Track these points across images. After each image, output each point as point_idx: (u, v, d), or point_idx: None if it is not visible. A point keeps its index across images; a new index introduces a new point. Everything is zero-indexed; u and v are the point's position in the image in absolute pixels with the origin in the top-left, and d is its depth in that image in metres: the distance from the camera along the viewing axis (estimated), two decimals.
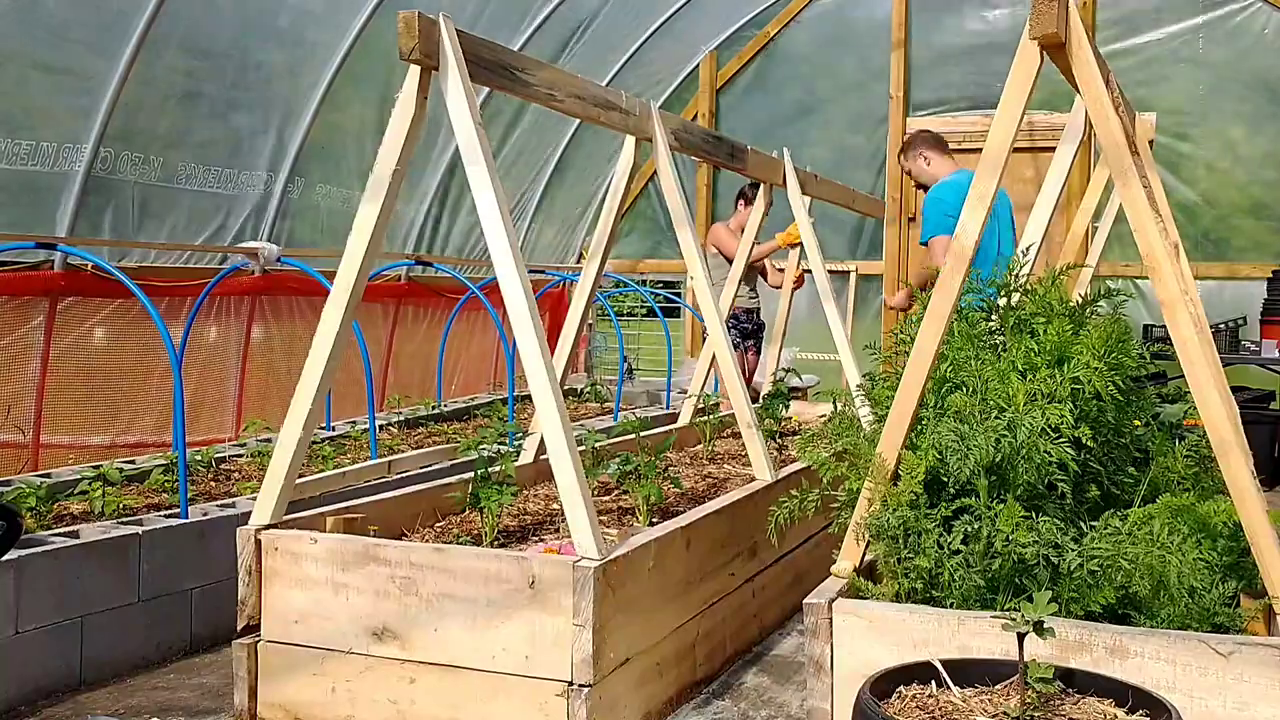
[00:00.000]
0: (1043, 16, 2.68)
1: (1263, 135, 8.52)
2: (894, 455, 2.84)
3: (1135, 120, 4.09)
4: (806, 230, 5.85)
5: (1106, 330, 2.89)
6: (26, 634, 3.38)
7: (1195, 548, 2.66)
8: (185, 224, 6.17)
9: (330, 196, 7.16)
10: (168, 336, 4.22)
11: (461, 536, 3.59)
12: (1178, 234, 4.06)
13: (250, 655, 3.25)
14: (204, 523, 3.98)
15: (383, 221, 3.32)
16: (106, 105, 5.40)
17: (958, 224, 2.84)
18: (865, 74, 9.66)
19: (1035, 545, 2.61)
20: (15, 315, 5.34)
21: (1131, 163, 2.72)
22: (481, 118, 3.28)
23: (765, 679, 3.75)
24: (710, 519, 3.70)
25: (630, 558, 3.13)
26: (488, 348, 8.86)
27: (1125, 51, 8.71)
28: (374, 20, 6.57)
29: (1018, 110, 2.79)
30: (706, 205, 10.11)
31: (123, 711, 3.36)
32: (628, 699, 3.15)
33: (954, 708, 2.07)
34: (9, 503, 3.61)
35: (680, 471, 4.80)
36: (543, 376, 3.15)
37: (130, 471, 4.69)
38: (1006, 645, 2.22)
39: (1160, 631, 2.49)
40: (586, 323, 7.53)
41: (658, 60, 9.50)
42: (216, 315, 6.39)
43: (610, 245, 4.54)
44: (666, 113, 4.50)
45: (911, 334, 2.98)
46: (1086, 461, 2.85)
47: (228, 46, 6.02)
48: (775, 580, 4.29)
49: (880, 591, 2.82)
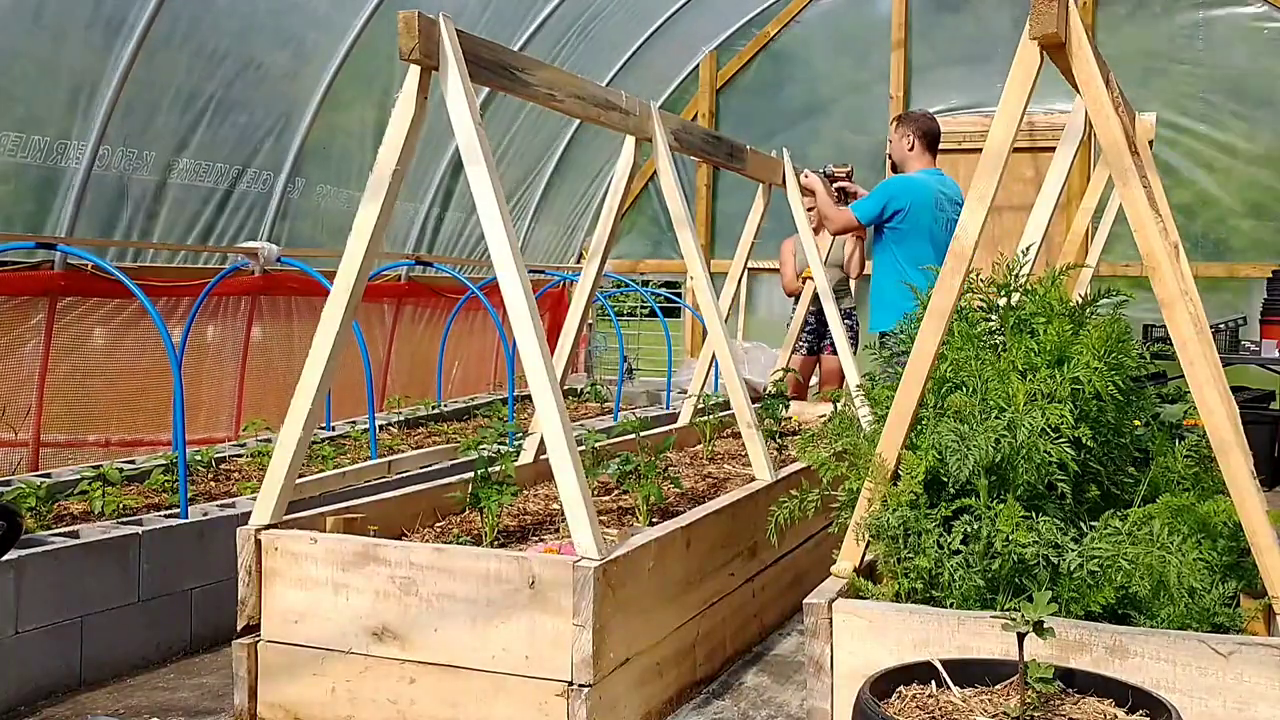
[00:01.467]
0: (1043, 16, 2.68)
1: (1263, 135, 8.51)
2: (894, 455, 2.84)
3: (1135, 120, 4.09)
4: (806, 231, 5.85)
5: (1106, 330, 2.89)
6: (26, 634, 3.38)
7: (1195, 548, 2.66)
8: (185, 224, 6.17)
9: (330, 196, 7.16)
10: (167, 336, 4.22)
11: (461, 536, 3.59)
12: (1177, 234, 4.06)
13: (250, 655, 3.25)
14: (204, 523, 3.98)
15: (383, 222, 3.32)
16: (107, 104, 5.40)
17: (958, 224, 2.84)
18: (865, 74, 9.66)
19: (1035, 545, 2.61)
20: (14, 315, 5.34)
21: (1131, 163, 2.72)
22: (481, 117, 3.28)
23: (765, 679, 3.75)
24: (710, 519, 3.70)
25: (630, 558, 3.13)
26: (488, 348, 8.86)
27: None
28: (374, 20, 6.57)
29: (1018, 110, 2.79)
30: (706, 205, 10.11)
31: (123, 711, 3.36)
32: (628, 699, 3.15)
33: (954, 708, 2.07)
34: (9, 503, 3.61)
35: (680, 471, 4.80)
36: (543, 376, 3.15)
37: (130, 471, 4.69)
38: (1006, 645, 2.22)
39: (1160, 631, 2.49)
40: (586, 323, 7.54)
41: (658, 60, 9.51)
42: (216, 315, 6.39)
43: (610, 245, 4.54)
44: (666, 113, 4.50)
45: (911, 334, 2.98)
46: (1086, 461, 2.85)
47: (228, 46, 6.02)
48: (775, 580, 4.29)
49: (880, 591, 2.82)
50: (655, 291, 9.95)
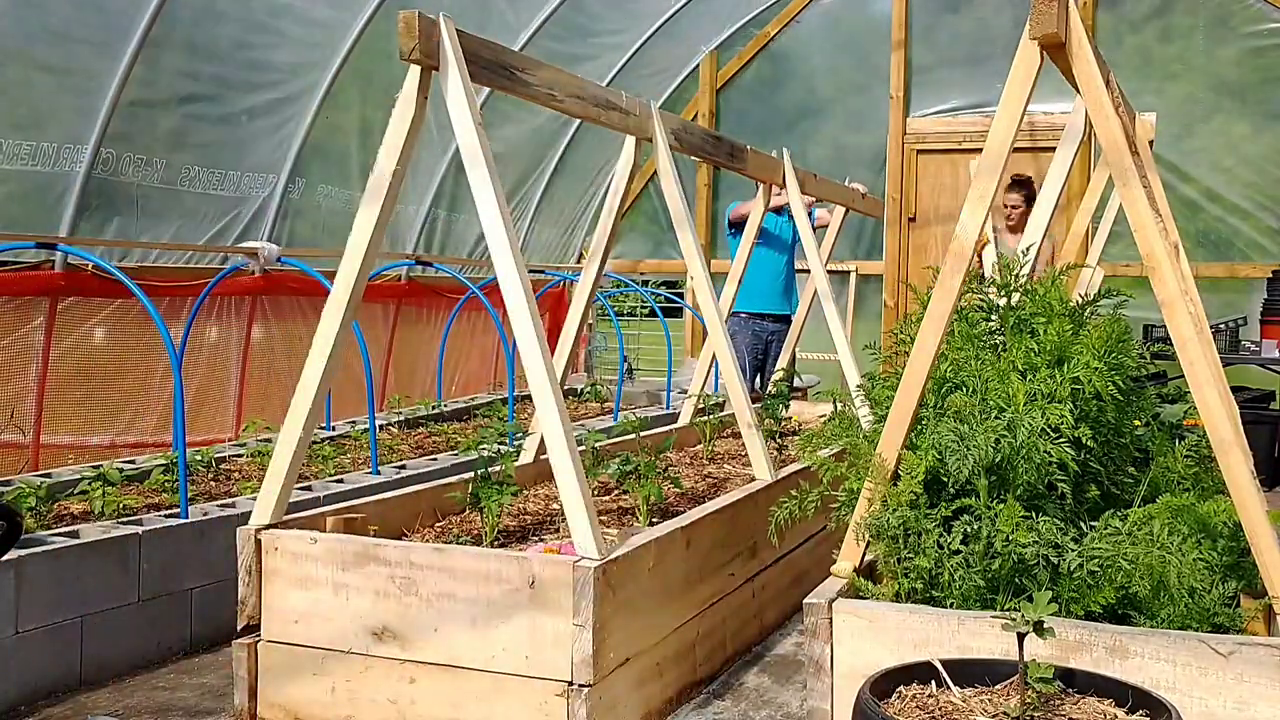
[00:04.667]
0: (1043, 16, 2.68)
1: (1265, 135, 8.51)
2: (894, 455, 2.84)
3: (1135, 120, 4.09)
4: (806, 231, 5.85)
5: (1106, 330, 2.89)
6: (26, 634, 3.38)
7: (1195, 548, 2.66)
8: (186, 224, 6.17)
9: (331, 196, 7.16)
10: (168, 336, 4.22)
11: (461, 536, 3.59)
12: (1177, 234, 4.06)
13: (250, 655, 3.25)
14: (204, 523, 3.98)
15: (382, 222, 3.32)
16: (108, 105, 5.40)
17: (958, 224, 2.84)
18: (865, 74, 9.65)
19: (1035, 545, 2.61)
20: (15, 315, 5.34)
21: (1131, 163, 2.72)
22: (481, 118, 3.28)
23: (765, 679, 3.75)
24: (710, 519, 3.70)
25: (630, 558, 3.13)
26: (488, 348, 8.86)
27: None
28: (374, 20, 6.57)
29: (1018, 110, 2.79)
30: (707, 205, 10.11)
31: (123, 711, 3.36)
32: (628, 699, 3.15)
33: (954, 708, 2.07)
34: (9, 503, 3.62)
35: (680, 471, 4.80)
36: (543, 376, 3.15)
37: (130, 471, 4.69)
38: (1006, 645, 2.22)
39: (1160, 631, 2.49)
40: (586, 323, 7.53)
41: (658, 60, 9.50)
42: (217, 315, 6.39)
43: (610, 245, 4.54)
44: (666, 113, 4.50)
45: (911, 334, 2.99)
46: (1086, 461, 2.85)
47: (229, 47, 6.02)
48: (775, 580, 4.28)
49: (880, 591, 2.82)
50: (655, 291, 9.94)
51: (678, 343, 9.89)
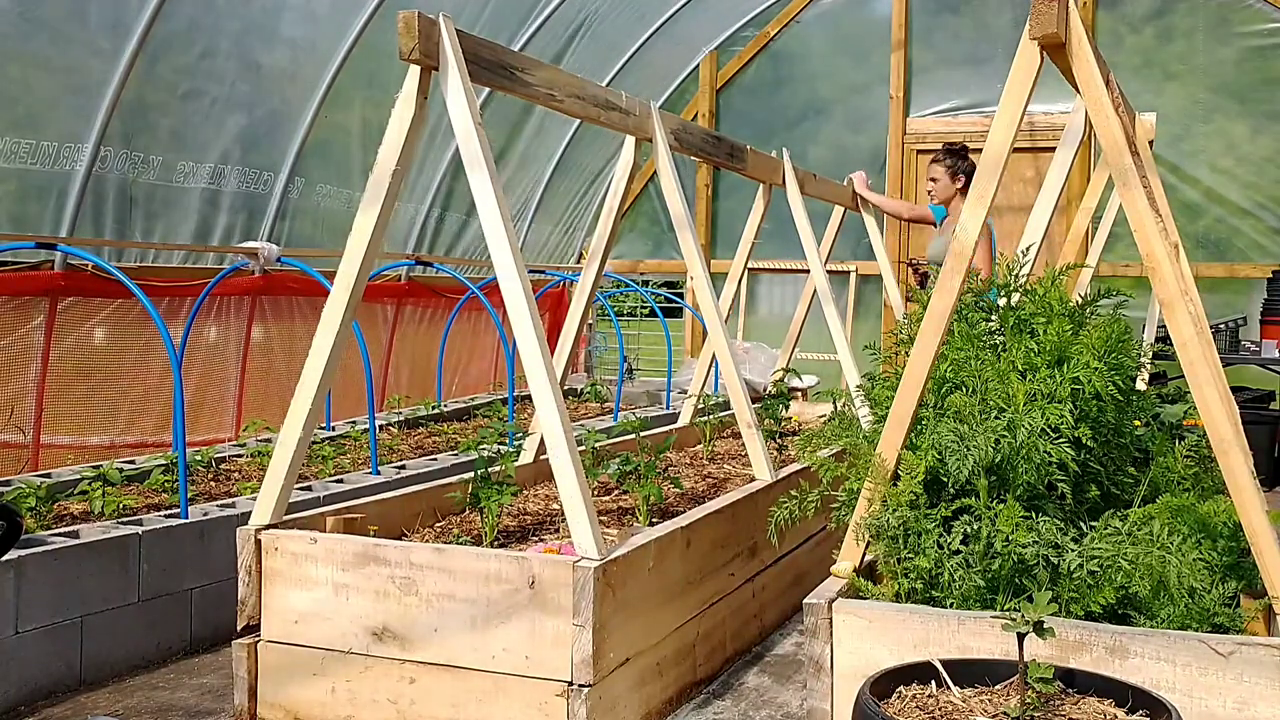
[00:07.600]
0: (1043, 16, 2.68)
1: (1264, 135, 8.52)
2: (894, 455, 2.84)
3: (1135, 120, 4.09)
4: (805, 231, 5.85)
5: (1106, 330, 2.89)
6: (26, 634, 3.38)
7: (1195, 548, 2.66)
8: (185, 224, 6.17)
9: (331, 196, 7.16)
10: (168, 336, 4.22)
11: (461, 536, 3.59)
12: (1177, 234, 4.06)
13: (250, 655, 3.25)
14: (204, 523, 3.98)
15: (383, 222, 3.32)
16: (107, 105, 5.40)
17: (958, 224, 2.84)
18: (865, 74, 9.66)
19: (1035, 545, 2.61)
20: (15, 315, 5.34)
21: (1131, 163, 2.72)
22: (481, 118, 3.28)
23: (765, 679, 3.75)
24: (710, 519, 3.70)
25: (630, 558, 3.13)
26: (488, 348, 8.86)
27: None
28: (375, 20, 6.57)
29: (1018, 110, 2.79)
30: (707, 205, 10.11)
31: (122, 712, 3.36)
32: (628, 699, 3.15)
33: (954, 708, 2.07)
34: (9, 503, 3.61)
35: (680, 471, 4.80)
36: (543, 376, 3.15)
37: (130, 471, 4.69)
38: (1006, 645, 2.22)
39: (1160, 632, 2.49)
40: (586, 323, 7.53)
41: (658, 60, 9.50)
42: (216, 315, 6.39)
43: (610, 245, 4.54)
44: (666, 113, 4.50)
45: (911, 334, 2.99)
46: (1086, 461, 2.85)
47: (228, 46, 6.02)
48: (775, 580, 4.28)
49: (880, 591, 2.82)
50: (655, 291, 9.95)
51: (678, 343, 9.90)
